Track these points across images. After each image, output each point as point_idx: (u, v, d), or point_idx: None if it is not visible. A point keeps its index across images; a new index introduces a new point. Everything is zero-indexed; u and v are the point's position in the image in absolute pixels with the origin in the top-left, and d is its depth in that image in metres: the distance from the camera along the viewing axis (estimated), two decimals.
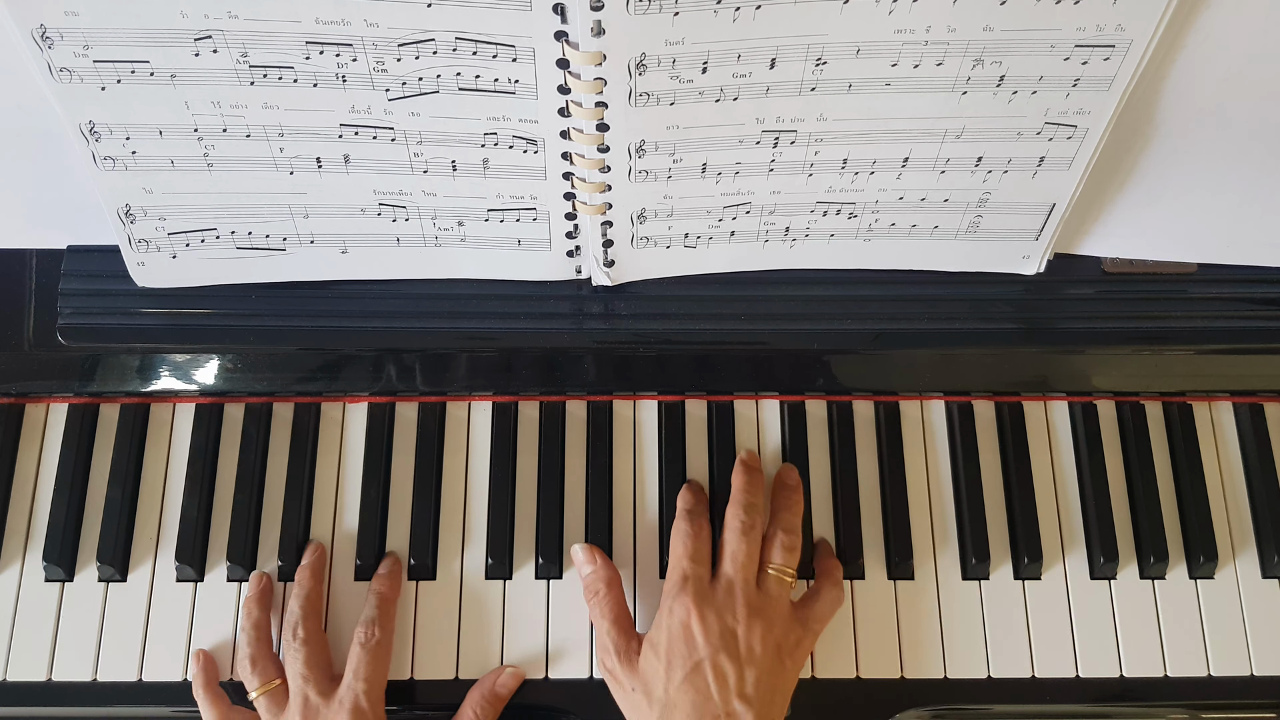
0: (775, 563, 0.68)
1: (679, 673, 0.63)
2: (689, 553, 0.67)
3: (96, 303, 0.72)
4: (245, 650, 0.69)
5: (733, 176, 0.65)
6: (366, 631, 0.68)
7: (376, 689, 0.67)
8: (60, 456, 0.75)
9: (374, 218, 0.68)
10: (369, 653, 0.67)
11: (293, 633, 0.68)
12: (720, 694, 0.62)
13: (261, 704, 0.67)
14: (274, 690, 0.67)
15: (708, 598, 0.65)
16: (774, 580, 0.67)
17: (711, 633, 0.64)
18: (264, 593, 0.71)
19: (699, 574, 0.66)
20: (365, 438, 0.75)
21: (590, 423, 0.76)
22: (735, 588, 0.66)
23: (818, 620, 0.68)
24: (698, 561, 0.67)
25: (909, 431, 0.76)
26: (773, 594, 0.67)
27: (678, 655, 0.63)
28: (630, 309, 0.73)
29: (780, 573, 0.67)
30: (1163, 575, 0.73)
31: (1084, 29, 0.56)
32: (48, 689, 0.70)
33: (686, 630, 0.64)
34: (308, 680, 0.67)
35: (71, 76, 0.58)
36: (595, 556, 0.70)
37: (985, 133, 0.63)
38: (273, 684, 0.68)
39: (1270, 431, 0.77)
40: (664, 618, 0.66)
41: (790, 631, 0.66)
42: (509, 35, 0.56)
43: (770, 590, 0.67)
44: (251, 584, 0.71)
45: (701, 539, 0.68)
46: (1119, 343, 0.73)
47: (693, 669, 0.63)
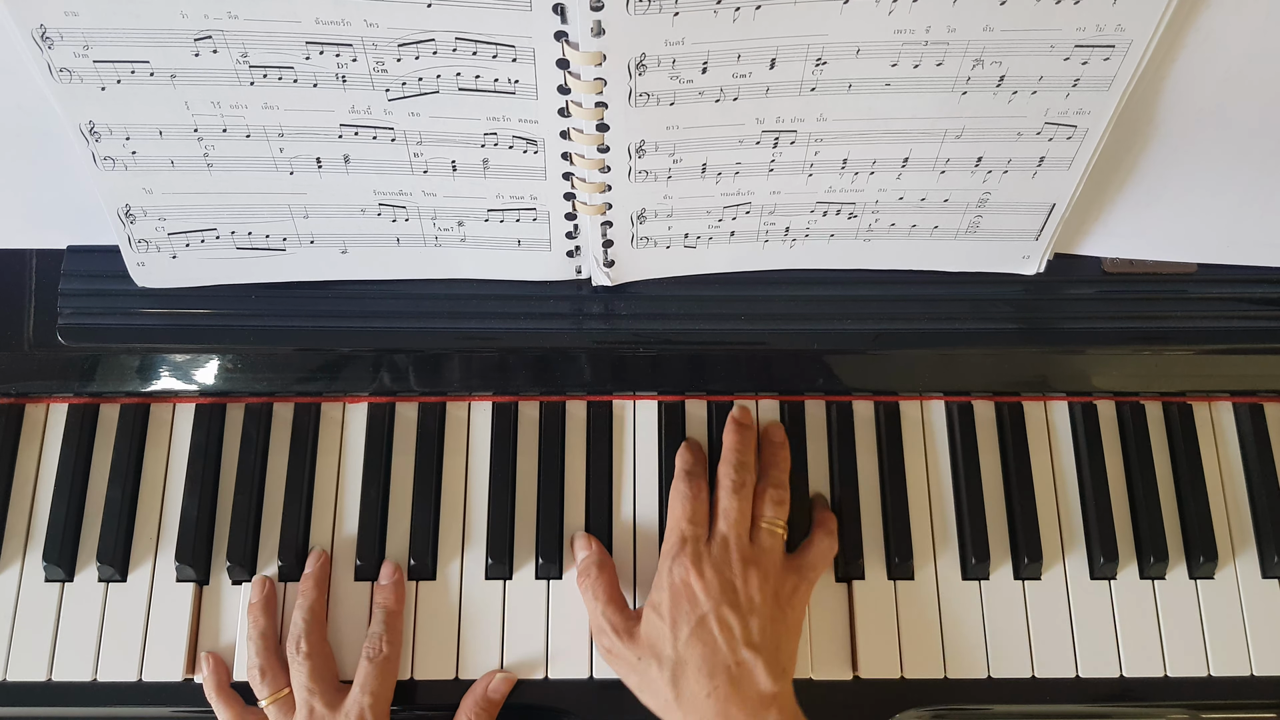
0: (766, 516, 0.69)
1: (685, 629, 0.64)
2: (687, 514, 0.68)
3: (96, 303, 0.72)
4: (254, 660, 0.69)
5: (733, 176, 0.65)
6: (374, 647, 0.68)
7: (382, 702, 0.67)
8: (60, 456, 0.75)
9: (374, 218, 0.68)
10: (376, 667, 0.67)
11: (296, 646, 0.68)
12: (728, 644, 0.63)
13: (272, 712, 0.68)
14: (283, 699, 0.68)
15: (704, 555, 0.67)
16: (765, 533, 0.69)
17: (711, 587, 0.65)
18: (268, 598, 0.71)
19: (697, 534, 0.68)
20: (365, 438, 0.75)
21: (590, 423, 0.76)
22: (730, 543, 0.67)
23: (811, 568, 0.69)
24: (695, 523, 0.68)
25: (909, 431, 0.76)
26: (765, 546, 0.68)
27: (681, 613, 0.65)
28: (630, 309, 0.73)
29: (771, 525, 0.69)
30: (1163, 575, 0.73)
31: (1084, 29, 0.56)
32: (48, 689, 0.70)
33: (687, 587, 0.65)
34: (313, 693, 0.67)
35: (71, 76, 0.58)
36: (590, 543, 0.71)
37: (985, 133, 0.63)
38: (282, 693, 0.68)
39: (1270, 431, 0.77)
40: (664, 579, 0.67)
41: (786, 580, 0.68)
42: (509, 35, 0.56)
43: (763, 543, 0.68)
44: (254, 590, 0.71)
45: (699, 500, 0.69)
46: (1119, 343, 0.73)
47: (698, 623, 0.64)
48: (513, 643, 0.71)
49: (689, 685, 0.63)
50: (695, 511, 0.69)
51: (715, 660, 0.63)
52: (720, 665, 0.63)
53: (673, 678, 0.63)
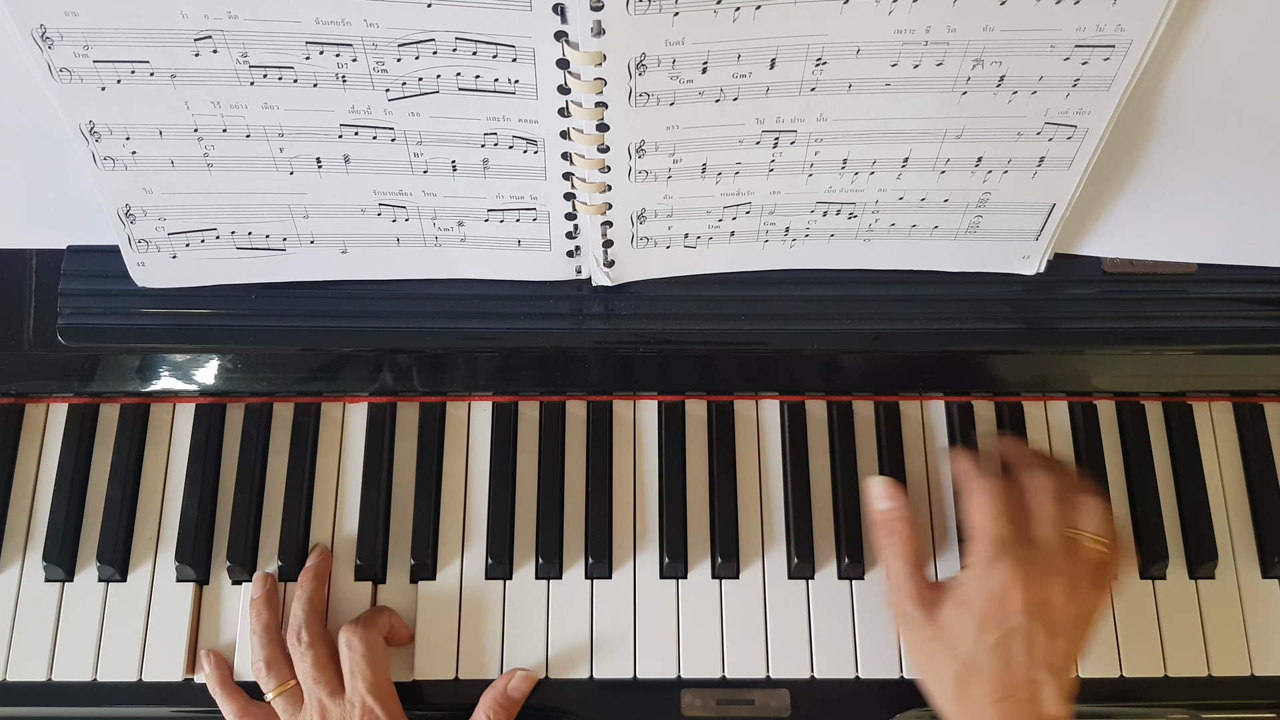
0: (1090, 531, 0.66)
1: (990, 636, 0.62)
2: (998, 515, 0.65)
3: (96, 303, 0.72)
4: (259, 654, 0.69)
5: (733, 176, 0.65)
6: (347, 635, 0.68)
7: (379, 684, 0.67)
8: (60, 456, 0.75)
9: (374, 218, 0.68)
10: (360, 656, 0.67)
11: (298, 637, 0.68)
12: (1028, 662, 0.61)
13: (279, 704, 0.68)
14: (290, 690, 0.68)
15: (1026, 564, 0.63)
16: (1089, 549, 0.65)
17: (1030, 602, 0.62)
18: (270, 594, 0.71)
19: (1015, 537, 0.64)
20: (365, 438, 0.75)
21: (590, 423, 0.76)
22: (1053, 554, 0.64)
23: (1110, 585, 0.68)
24: (1010, 524, 0.65)
25: (909, 431, 0.76)
26: (1084, 560, 0.65)
27: (991, 619, 0.62)
28: (630, 309, 0.73)
29: (1097, 542, 0.65)
30: (1163, 575, 0.73)
31: (1084, 29, 0.56)
32: (48, 689, 0.70)
33: (1004, 596, 0.62)
34: (318, 682, 0.67)
35: (71, 76, 0.58)
36: (899, 494, 0.68)
37: (985, 133, 0.63)
38: (288, 685, 0.68)
39: (1270, 431, 0.77)
40: (977, 577, 0.64)
41: (1093, 599, 0.65)
42: (509, 35, 0.56)
43: (1081, 557, 0.65)
44: (256, 585, 0.71)
45: (1003, 498, 0.66)
46: (1119, 343, 0.73)
47: (1005, 635, 0.62)
48: (513, 643, 0.71)
49: (975, 690, 0.61)
50: (1006, 512, 0.65)
51: (1010, 676, 0.61)
52: (1014, 682, 0.61)
53: (960, 675, 0.62)
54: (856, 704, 0.70)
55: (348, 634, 0.68)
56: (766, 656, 0.71)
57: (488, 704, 0.68)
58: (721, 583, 0.72)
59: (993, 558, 0.63)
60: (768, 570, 0.73)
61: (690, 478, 0.75)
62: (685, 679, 0.70)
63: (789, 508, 0.74)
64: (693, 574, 0.73)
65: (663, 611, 0.72)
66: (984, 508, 0.65)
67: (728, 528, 0.73)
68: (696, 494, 0.74)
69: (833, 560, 0.73)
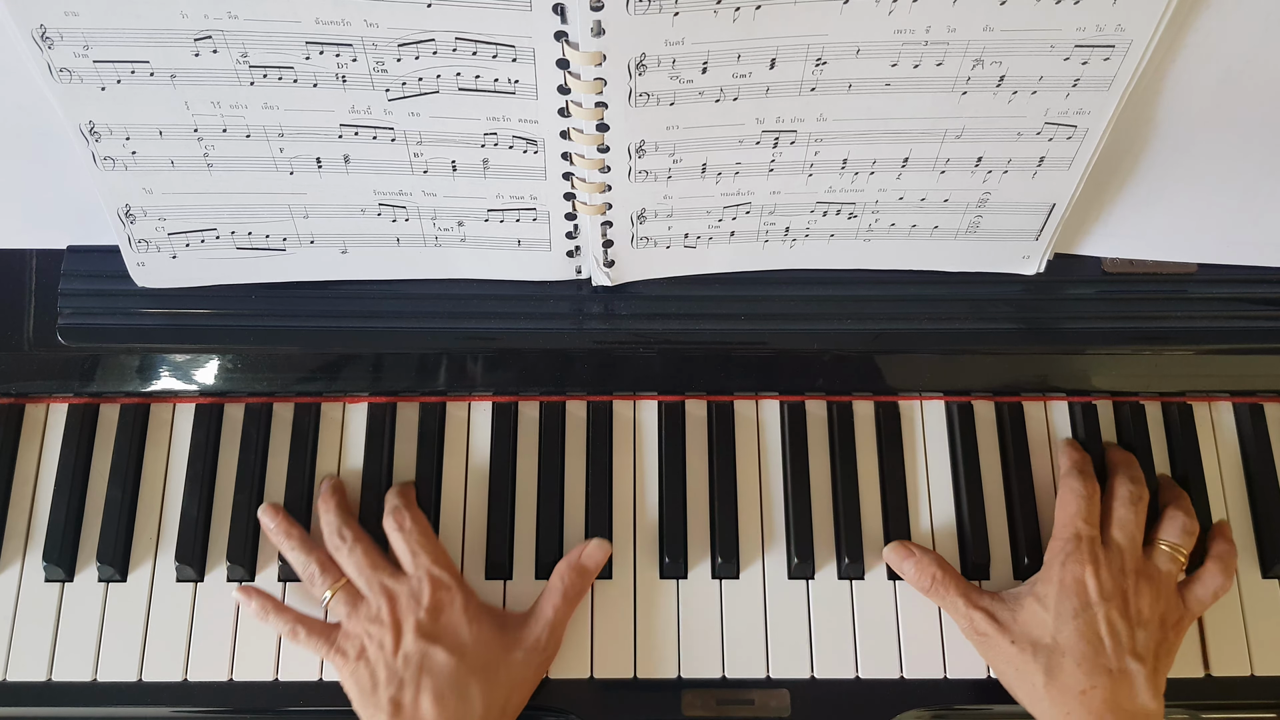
0: (1169, 539, 0.68)
1: (1068, 620, 0.64)
2: (1083, 514, 0.67)
3: (96, 303, 0.72)
4: (303, 560, 0.69)
5: (733, 176, 0.65)
6: (397, 519, 0.69)
7: (441, 556, 0.68)
8: (60, 456, 0.75)
9: (374, 218, 0.68)
10: (410, 534, 0.68)
11: (340, 537, 0.69)
12: (1113, 648, 0.63)
13: (337, 603, 0.67)
14: (345, 586, 0.68)
15: (1100, 558, 0.66)
16: (1165, 555, 0.68)
17: (1105, 588, 0.64)
18: (286, 516, 0.71)
19: (1093, 535, 0.67)
20: (365, 438, 0.75)
21: (590, 423, 0.76)
22: (1125, 553, 0.67)
23: (1198, 602, 0.68)
24: (1091, 523, 0.67)
25: (909, 431, 0.76)
26: (1161, 568, 0.67)
27: (1067, 605, 0.64)
28: (630, 309, 0.73)
29: (1174, 550, 0.68)
30: None
31: (1084, 29, 0.56)
32: (48, 689, 0.70)
33: (1079, 584, 0.64)
34: (376, 568, 0.67)
35: (71, 76, 0.58)
36: (911, 549, 0.70)
37: (985, 133, 0.63)
38: (343, 580, 0.68)
39: (1270, 431, 0.77)
40: (1053, 573, 0.66)
41: (1174, 607, 0.67)
42: (509, 35, 0.56)
43: (1159, 563, 0.67)
44: (269, 516, 0.71)
45: (1095, 501, 0.68)
46: (1119, 343, 0.73)
47: (1084, 618, 0.63)
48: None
49: (1063, 676, 0.62)
50: (1091, 512, 0.68)
51: (1096, 660, 0.62)
52: (1101, 667, 0.62)
53: (1047, 665, 0.63)
54: (856, 704, 0.70)
55: (396, 518, 0.69)
56: (766, 656, 0.71)
57: (562, 570, 0.69)
58: (721, 583, 0.72)
59: (1069, 553, 0.66)
60: (768, 570, 0.73)
61: (690, 478, 0.75)
62: (685, 679, 0.70)
63: (789, 508, 0.74)
64: (693, 574, 0.73)
65: (663, 611, 0.72)
66: (1069, 507, 0.68)
67: (728, 528, 0.73)
68: (696, 494, 0.74)
69: (833, 560, 0.73)
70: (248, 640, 0.71)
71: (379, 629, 0.66)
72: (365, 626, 0.66)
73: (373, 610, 0.66)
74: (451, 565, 0.69)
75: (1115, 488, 0.70)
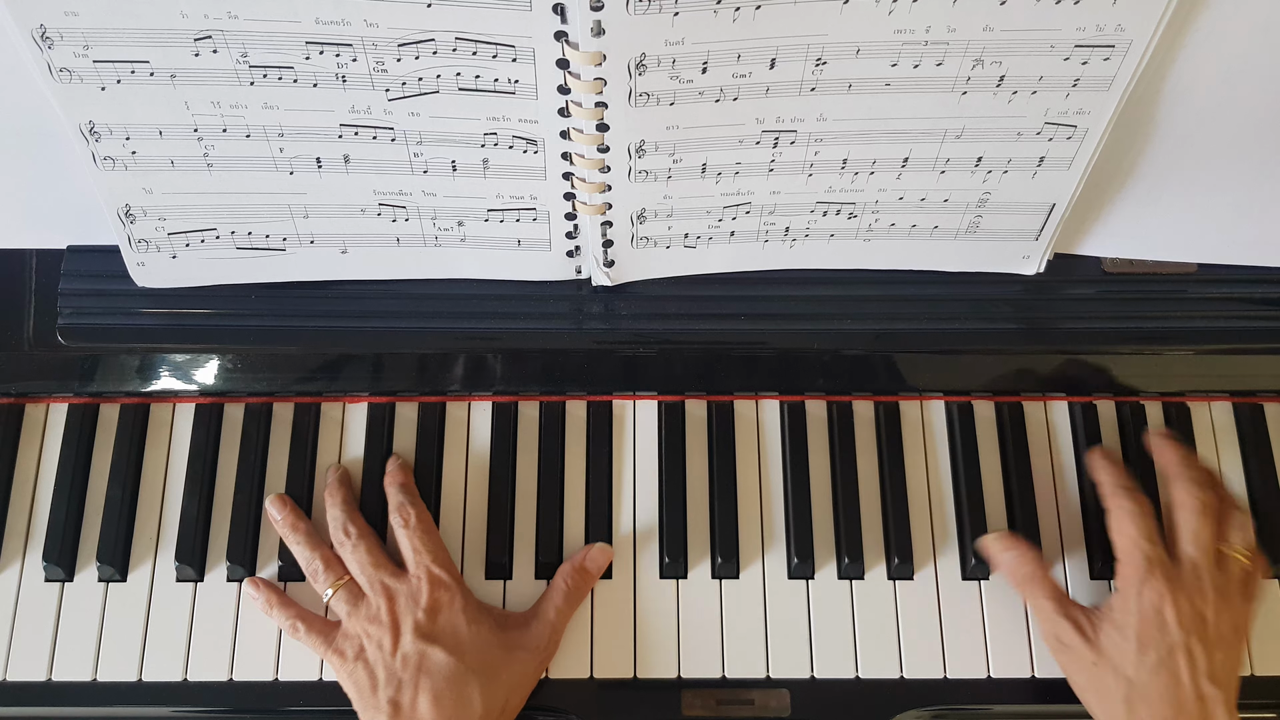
0: (1234, 544, 0.67)
1: (1151, 656, 0.63)
2: (1144, 533, 0.66)
3: (96, 303, 0.72)
4: (308, 556, 0.69)
5: (733, 176, 0.65)
6: (402, 515, 0.69)
7: (442, 554, 0.68)
8: (60, 456, 0.74)
9: (374, 218, 0.68)
10: (414, 531, 0.68)
11: (345, 532, 0.69)
12: (1190, 678, 0.62)
13: (339, 600, 0.67)
14: (347, 583, 0.68)
15: (1176, 580, 0.65)
16: (1234, 562, 0.67)
17: (1184, 617, 0.64)
18: (295, 509, 0.71)
19: (1161, 555, 0.66)
20: (365, 437, 0.75)
21: (590, 423, 0.76)
22: (1201, 570, 0.65)
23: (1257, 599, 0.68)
24: (1155, 542, 0.66)
25: (909, 431, 0.76)
26: (1233, 574, 0.66)
27: (1149, 639, 0.63)
28: (630, 309, 0.73)
29: (1240, 554, 0.67)
30: None
31: (1084, 29, 0.56)
32: (48, 689, 0.70)
33: (1159, 615, 0.64)
34: (378, 567, 0.67)
35: (71, 76, 0.58)
36: (1016, 540, 0.69)
37: (985, 133, 0.63)
38: (345, 578, 0.68)
39: (1270, 431, 0.77)
40: (1130, 600, 0.65)
41: (1244, 610, 0.67)
42: (509, 35, 0.56)
43: (1230, 571, 0.67)
44: (277, 508, 0.71)
45: (1150, 516, 0.67)
46: (1119, 343, 0.73)
47: (1166, 653, 0.63)
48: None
49: (1144, 711, 0.62)
50: (1150, 528, 0.67)
51: (1178, 693, 0.62)
52: (1183, 700, 0.62)
53: (1128, 699, 0.63)
54: (856, 704, 0.70)
55: (402, 512, 0.69)
56: (766, 656, 0.71)
57: (566, 571, 0.70)
58: (721, 583, 0.72)
59: (1142, 579, 0.65)
60: (768, 570, 0.73)
61: (690, 478, 0.75)
62: (685, 679, 0.70)
63: (789, 508, 0.74)
64: (693, 574, 0.73)
65: (663, 611, 0.72)
66: (1127, 530, 0.67)
67: (728, 528, 0.73)
68: (696, 494, 0.74)
69: (833, 560, 0.73)
70: (248, 640, 0.71)
71: (378, 629, 0.66)
72: (364, 626, 0.66)
73: (372, 609, 0.66)
74: (451, 564, 0.69)
75: (1181, 496, 0.68)
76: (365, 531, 0.70)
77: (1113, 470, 0.71)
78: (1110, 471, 0.70)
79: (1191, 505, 0.67)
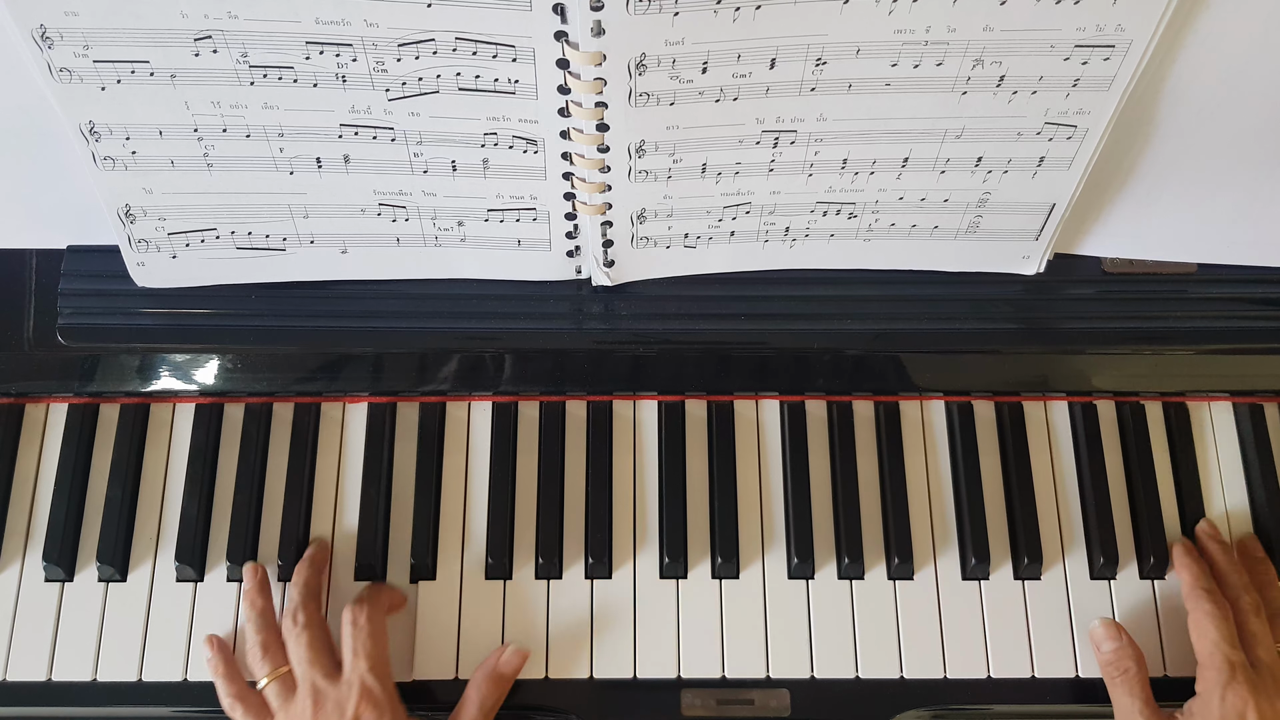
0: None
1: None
2: (1226, 637, 0.67)
3: (96, 303, 0.72)
4: (254, 638, 0.68)
5: (733, 176, 0.65)
6: (353, 614, 0.67)
7: (381, 665, 0.66)
8: (60, 456, 0.75)
9: (374, 218, 0.68)
10: (360, 632, 0.66)
11: (293, 618, 0.68)
12: None
13: (271, 690, 0.67)
14: (283, 676, 0.67)
15: (1258, 687, 0.66)
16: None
17: None
18: (262, 583, 0.71)
19: (1243, 660, 0.67)
20: (365, 438, 0.75)
21: (590, 423, 0.76)
22: (1274, 672, 0.67)
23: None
24: (1236, 646, 0.67)
25: (909, 431, 0.76)
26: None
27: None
28: (630, 309, 0.73)
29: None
30: (1162, 575, 0.73)
31: (1084, 29, 0.56)
32: (48, 689, 0.70)
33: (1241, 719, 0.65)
34: (313, 664, 0.66)
35: (71, 76, 0.58)
36: (1121, 634, 0.69)
37: (985, 133, 0.63)
38: (281, 670, 0.67)
39: (1270, 431, 0.77)
40: (1214, 704, 0.66)
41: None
42: (509, 35, 0.56)
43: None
44: (248, 576, 0.71)
45: (1229, 619, 0.68)
46: (1119, 343, 0.73)
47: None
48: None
49: None
50: (1232, 633, 0.67)
51: None
52: None
53: None
54: (856, 704, 0.70)
55: (354, 612, 0.67)
56: (766, 656, 0.71)
57: (478, 680, 0.68)
58: (721, 583, 0.72)
59: (1225, 683, 0.65)
60: (768, 570, 0.73)
61: (690, 478, 0.75)
62: (685, 679, 0.70)
63: (789, 508, 0.74)
64: (693, 574, 0.73)
65: (663, 611, 0.72)
66: (1209, 633, 0.67)
67: (728, 528, 0.73)
68: (696, 494, 0.74)
69: (833, 560, 0.73)
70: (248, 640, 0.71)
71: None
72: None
73: (297, 709, 0.66)
74: (388, 675, 0.67)
75: (1235, 600, 0.69)
76: (311, 622, 0.68)
77: (1194, 569, 0.71)
78: (1192, 570, 0.71)
79: (1247, 608, 0.69)
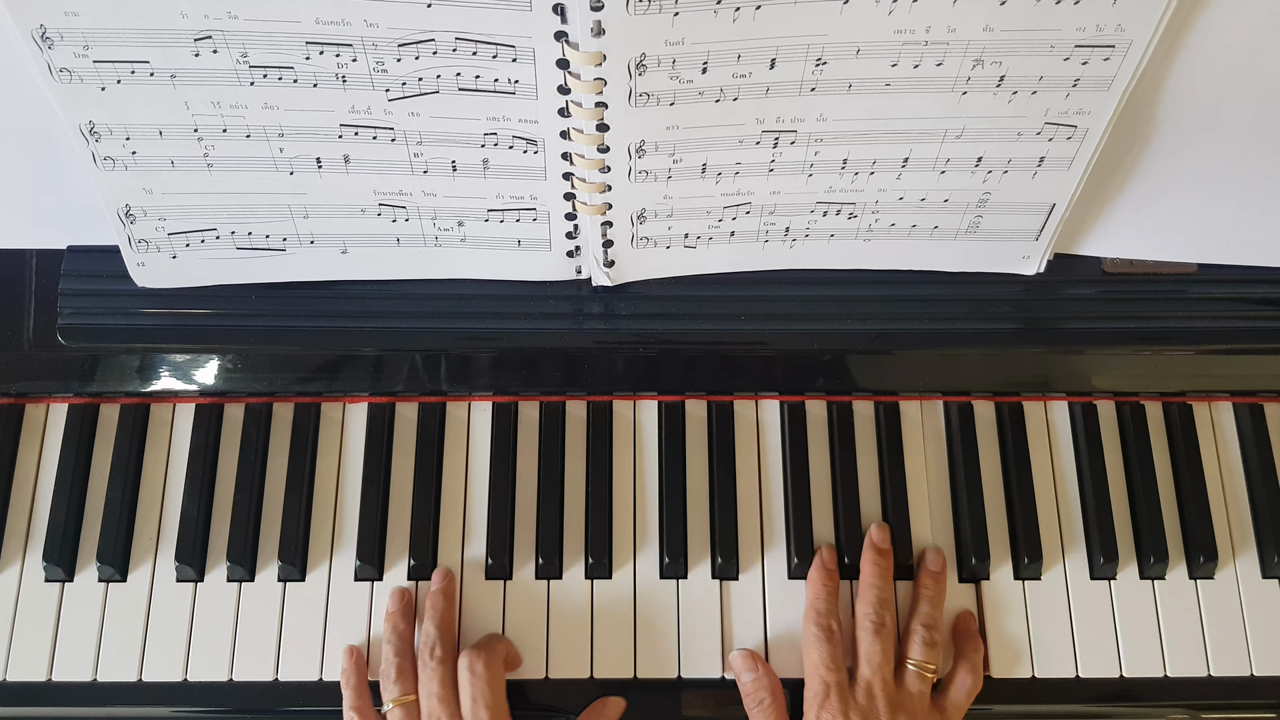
0: (915, 658, 0.68)
1: None
2: (824, 660, 0.67)
3: (96, 303, 0.72)
4: (391, 659, 0.68)
5: (733, 177, 0.65)
6: (470, 660, 0.67)
7: (500, 711, 0.66)
8: (60, 456, 0.75)
9: (374, 218, 0.68)
10: (479, 680, 0.66)
11: (430, 651, 0.68)
12: None
13: (395, 715, 0.67)
14: (409, 704, 0.67)
15: (850, 704, 0.66)
16: (914, 676, 0.68)
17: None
18: (407, 607, 0.71)
19: (839, 680, 0.67)
20: (365, 438, 0.75)
21: (590, 423, 0.76)
22: (875, 690, 0.66)
23: (956, 710, 0.68)
24: (834, 668, 0.67)
25: (909, 431, 0.76)
26: (912, 690, 0.67)
27: None
28: (630, 309, 0.73)
29: (921, 668, 0.68)
30: (1163, 575, 0.73)
31: (1084, 29, 0.56)
32: (48, 689, 0.70)
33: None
34: (443, 701, 0.66)
35: (71, 76, 0.58)
36: (757, 664, 0.69)
37: (985, 133, 0.63)
38: (409, 698, 0.67)
39: (1270, 431, 0.77)
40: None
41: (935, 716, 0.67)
42: (509, 35, 0.56)
43: (909, 686, 0.67)
44: (394, 599, 0.71)
45: (835, 642, 0.68)
46: (1119, 343, 0.73)
47: None
48: (513, 641, 0.71)
49: None
50: (833, 655, 0.67)
51: None
52: None
53: None
54: None
55: (471, 659, 0.67)
56: (766, 656, 0.71)
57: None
58: (721, 583, 0.72)
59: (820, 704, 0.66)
60: (768, 570, 0.73)
61: (690, 478, 0.75)
62: (685, 679, 0.71)
63: (789, 508, 0.74)
64: (693, 574, 0.73)
65: (663, 611, 0.72)
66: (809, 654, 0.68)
67: (728, 528, 0.73)
68: (696, 494, 0.74)
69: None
70: (248, 640, 0.71)
71: None
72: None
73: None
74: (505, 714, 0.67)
75: (859, 616, 0.69)
76: (447, 657, 0.68)
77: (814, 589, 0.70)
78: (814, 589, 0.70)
79: (865, 625, 0.69)
